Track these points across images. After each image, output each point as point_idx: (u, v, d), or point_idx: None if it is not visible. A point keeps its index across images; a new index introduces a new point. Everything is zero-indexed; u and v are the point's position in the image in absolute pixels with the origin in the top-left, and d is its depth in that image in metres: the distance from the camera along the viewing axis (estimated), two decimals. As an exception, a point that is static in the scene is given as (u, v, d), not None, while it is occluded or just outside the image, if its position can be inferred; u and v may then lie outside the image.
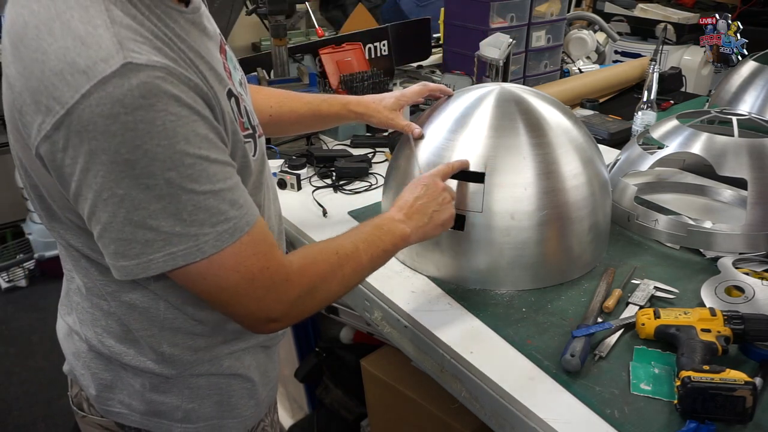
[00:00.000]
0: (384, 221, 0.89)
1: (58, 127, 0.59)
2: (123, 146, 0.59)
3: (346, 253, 0.80)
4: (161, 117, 0.59)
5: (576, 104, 1.97)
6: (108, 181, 0.61)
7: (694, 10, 3.26)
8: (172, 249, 0.64)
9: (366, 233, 0.85)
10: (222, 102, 0.69)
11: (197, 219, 0.64)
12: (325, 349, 1.74)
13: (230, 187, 0.67)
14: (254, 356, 0.88)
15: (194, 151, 0.62)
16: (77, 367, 0.86)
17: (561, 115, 1.09)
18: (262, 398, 0.91)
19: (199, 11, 0.74)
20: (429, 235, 0.94)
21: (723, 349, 0.86)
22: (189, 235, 0.64)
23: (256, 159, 0.78)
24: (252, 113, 0.80)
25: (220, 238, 0.66)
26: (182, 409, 0.83)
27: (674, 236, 1.19)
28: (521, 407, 0.83)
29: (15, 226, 3.30)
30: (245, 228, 0.68)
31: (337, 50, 1.87)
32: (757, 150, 1.15)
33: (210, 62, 0.70)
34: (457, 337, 0.96)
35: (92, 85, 0.57)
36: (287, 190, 1.45)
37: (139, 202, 0.62)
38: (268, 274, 0.70)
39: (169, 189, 0.62)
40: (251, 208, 0.70)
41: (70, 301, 0.84)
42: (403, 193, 0.95)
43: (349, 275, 0.81)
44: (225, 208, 0.66)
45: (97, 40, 0.58)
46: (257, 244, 0.69)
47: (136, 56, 0.59)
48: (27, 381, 2.46)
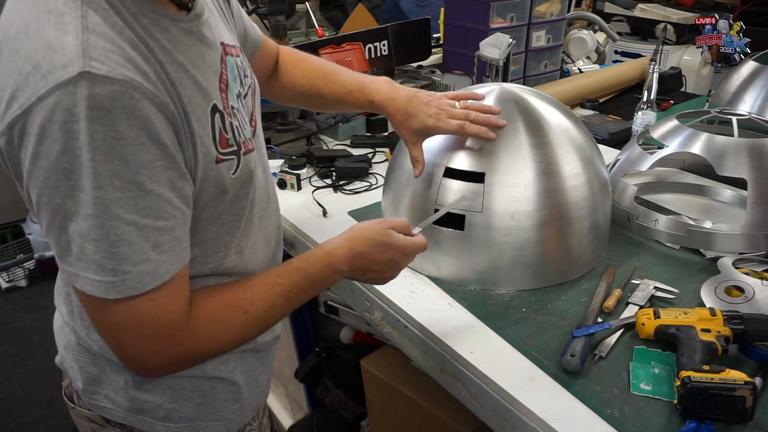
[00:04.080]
0: (326, 273, 0.81)
1: (13, 126, 0.60)
2: (63, 155, 0.59)
3: (257, 314, 0.75)
4: (103, 131, 0.58)
5: (576, 104, 1.97)
6: (46, 187, 0.61)
7: (694, 10, 3.26)
8: (93, 276, 0.63)
9: (294, 283, 0.79)
10: (193, 123, 0.67)
11: (118, 253, 0.62)
12: (325, 349, 1.74)
13: (158, 227, 0.64)
14: (241, 360, 0.88)
15: (127, 176, 0.61)
16: (67, 360, 0.87)
17: (561, 115, 1.09)
18: (248, 402, 0.91)
19: (200, 19, 0.73)
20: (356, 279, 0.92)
21: (723, 349, 0.86)
22: (106, 269, 0.62)
23: (236, 177, 0.75)
24: (242, 128, 0.78)
25: (141, 280, 0.64)
26: (164, 408, 0.83)
27: (674, 236, 1.19)
28: (521, 407, 0.83)
29: (15, 226, 3.30)
30: (165, 276, 0.65)
31: (337, 50, 1.87)
32: (757, 150, 1.15)
33: (195, 75, 0.69)
34: (457, 337, 0.95)
35: (47, 90, 0.58)
36: (287, 190, 1.45)
37: (72, 215, 0.61)
38: (157, 324, 0.67)
39: (95, 209, 0.60)
40: (176, 257, 0.67)
41: (63, 291, 0.86)
42: (360, 244, 0.83)
43: (252, 335, 0.78)
44: (146, 247, 0.63)
45: (63, 46, 0.59)
46: (163, 293, 0.66)
47: (98, 66, 0.58)
48: (27, 381, 2.46)
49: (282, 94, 1.13)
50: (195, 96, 0.68)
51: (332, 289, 1.26)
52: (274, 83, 1.12)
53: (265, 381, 0.96)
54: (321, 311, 1.75)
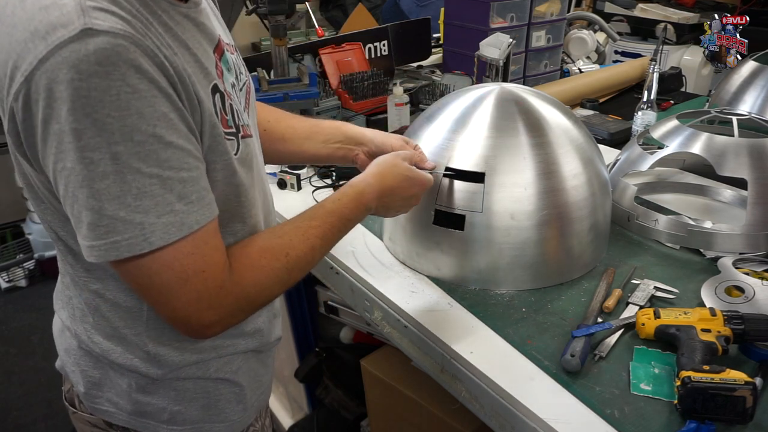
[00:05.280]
0: (359, 211, 0.84)
1: (19, 95, 0.59)
2: (72, 114, 0.57)
3: (298, 256, 0.75)
4: (116, 86, 0.57)
5: (576, 104, 1.97)
6: (58, 152, 0.59)
7: (694, 10, 3.26)
8: (116, 237, 0.61)
9: (330, 224, 0.80)
10: (200, 91, 0.67)
11: (142, 205, 0.60)
12: (325, 349, 1.74)
13: (182, 179, 0.63)
14: (244, 361, 0.88)
15: (146, 128, 0.59)
16: (68, 364, 0.86)
17: (561, 115, 1.09)
18: (251, 403, 0.91)
19: (198, 8, 0.73)
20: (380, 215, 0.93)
21: (723, 349, 0.86)
22: (134, 222, 0.61)
23: (239, 158, 0.75)
24: (240, 114, 0.78)
25: (167, 230, 0.62)
26: (168, 410, 0.83)
27: (674, 236, 1.19)
28: (521, 407, 0.83)
29: (15, 226, 3.30)
30: (194, 226, 0.64)
31: (337, 50, 1.87)
32: (757, 150, 1.15)
33: (196, 54, 0.69)
34: (457, 337, 0.95)
35: (49, 51, 0.56)
36: (287, 190, 1.45)
37: (83, 178, 0.59)
38: (203, 278, 0.66)
39: (114, 165, 0.59)
40: (205, 207, 0.66)
41: (63, 295, 0.85)
42: (390, 179, 0.89)
43: (297, 277, 0.77)
44: (171, 199, 0.62)
45: (60, 7, 0.58)
46: (199, 245, 0.66)
47: (99, 23, 0.57)
48: (27, 381, 2.46)
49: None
50: (197, 72, 0.68)
51: (332, 289, 1.26)
52: None
53: (268, 382, 0.96)
54: (321, 311, 1.75)
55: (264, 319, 0.89)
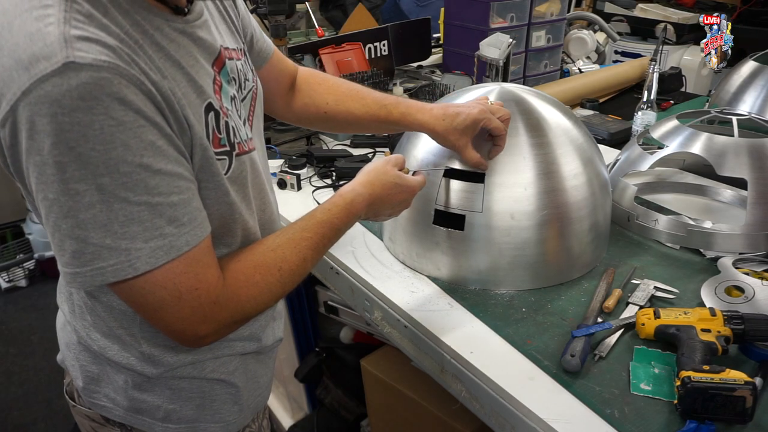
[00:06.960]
0: (349, 220, 0.84)
1: (5, 124, 0.59)
2: (56, 148, 0.57)
3: (291, 269, 0.76)
4: (99, 120, 0.57)
5: (576, 104, 1.97)
6: (40, 183, 0.60)
7: (694, 10, 3.26)
8: (101, 264, 0.62)
9: (321, 235, 0.80)
10: (190, 115, 0.67)
11: (129, 231, 0.61)
12: (325, 349, 1.74)
13: (172, 203, 0.63)
14: (242, 362, 0.88)
15: (132, 159, 0.59)
16: (68, 358, 0.87)
17: (561, 115, 1.09)
18: (248, 404, 0.91)
19: (198, 20, 0.73)
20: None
21: (723, 349, 0.86)
22: (119, 249, 0.61)
23: (230, 177, 0.74)
24: (238, 130, 0.77)
25: (154, 255, 0.63)
26: (163, 408, 0.83)
27: (674, 236, 1.19)
28: (521, 407, 0.83)
29: (15, 226, 3.30)
30: (183, 248, 0.65)
31: (337, 50, 1.87)
32: (757, 150, 1.15)
33: (190, 73, 0.68)
34: (457, 337, 0.95)
35: (31, 83, 0.56)
36: (287, 190, 1.45)
37: (68, 210, 0.59)
38: (196, 295, 0.67)
39: (100, 196, 0.59)
40: (197, 227, 0.67)
41: (65, 290, 0.86)
42: (379, 187, 0.88)
43: (289, 288, 0.77)
44: (160, 223, 0.63)
45: (44, 37, 0.57)
46: (192, 263, 0.66)
47: (81, 55, 0.56)
48: (27, 381, 2.46)
49: (302, 114, 1.09)
50: (189, 93, 0.68)
51: (332, 289, 1.26)
52: (293, 104, 1.09)
53: (266, 382, 0.96)
54: (321, 311, 1.75)
55: (261, 324, 0.90)
